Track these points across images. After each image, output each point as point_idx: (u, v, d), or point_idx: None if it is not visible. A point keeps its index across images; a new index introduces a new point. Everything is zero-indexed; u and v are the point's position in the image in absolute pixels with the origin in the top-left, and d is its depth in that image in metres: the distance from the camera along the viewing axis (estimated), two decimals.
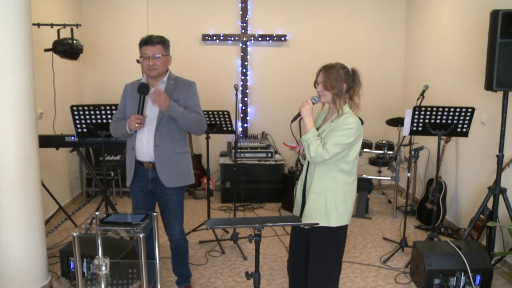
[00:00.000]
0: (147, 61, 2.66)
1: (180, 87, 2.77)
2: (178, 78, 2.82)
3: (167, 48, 2.74)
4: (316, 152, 2.22)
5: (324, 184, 2.32)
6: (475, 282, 3.00)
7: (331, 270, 2.43)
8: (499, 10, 2.93)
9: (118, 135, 2.86)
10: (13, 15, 2.66)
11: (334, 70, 2.29)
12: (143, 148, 2.73)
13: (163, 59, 2.69)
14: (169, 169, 2.74)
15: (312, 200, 2.35)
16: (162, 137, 2.70)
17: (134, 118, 2.63)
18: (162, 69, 2.71)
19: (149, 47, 2.65)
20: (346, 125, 2.24)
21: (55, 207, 4.12)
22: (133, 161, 2.79)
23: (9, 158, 2.73)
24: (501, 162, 3.21)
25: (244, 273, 3.10)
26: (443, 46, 4.65)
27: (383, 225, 4.55)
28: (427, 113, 3.46)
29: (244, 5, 5.54)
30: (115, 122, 2.86)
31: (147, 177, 2.80)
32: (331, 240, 2.38)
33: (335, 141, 2.23)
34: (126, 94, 2.85)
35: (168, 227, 2.89)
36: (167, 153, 2.72)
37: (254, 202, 5.20)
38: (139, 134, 2.74)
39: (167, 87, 2.75)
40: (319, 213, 2.33)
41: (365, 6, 5.68)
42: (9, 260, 2.81)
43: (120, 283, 2.36)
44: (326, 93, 2.31)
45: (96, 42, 5.41)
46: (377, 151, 4.90)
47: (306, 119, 2.32)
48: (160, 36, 2.70)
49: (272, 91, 5.72)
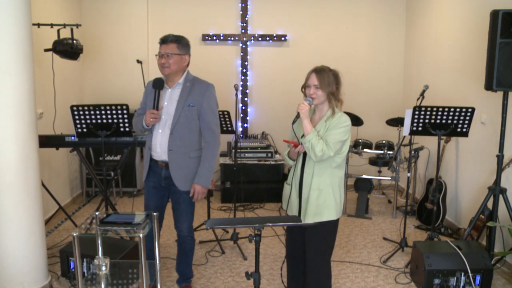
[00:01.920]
0: (160, 59, 2.69)
1: (196, 91, 2.76)
2: (196, 80, 2.82)
3: (182, 48, 2.73)
4: (322, 151, 2.33)
5: (326, 180, 2.44)
6: (475, 282, 3.00)
7: (327, 265, 2.56)
8: (499, 10, 2.93)
9: (138, 129, 2.91)
10: (13, 15, 2.66)
11: (325, 73, 2.41)
12: (156, 149, 2.80)
13: (175, 58, 2.69)
14: (182, 172, 2.77)
15: (315, 196, 2.43)
16: (176, 141, 2.73)
17: (149, 113, 2.69)
18: (175, 68, 2.71)
19: (164, 45, 2.70)
20: (342, 123, 2.39)
21: (55, 207, 4.12)
22: (148, 158, 2.86)
23: (9, 158, 2.73)
24: (501, 162, 3.22)
25: (244, 273, 3.11)
26: (443, 46, 4.65)
27: (383, 225, 4.55)
28: (427, 113, 3.46)
29: (244, 5, 5.54)
30: (136, 117, 2.91)
31: (160, 174, 2.86)
32: (330, 234, 2.51)
33: (336, 138, 2.36)
34: (147, 91, 2.88)
35: (177, 222, 2.94)
36: (181, 158, 2.76)
37: (254, 202, 5.20)
38: (155, 134, 2.80)
39: (182, 89, 2.76)
40: (325, 208, 2.43)
41: (365, 6, 5.68)
42: (9, 260, 2.81)
43: (120, 283, 2.36)
44: (320, 94, 2.41)
45: (96, 42, 5.41)
46: (377, 151, 4.89)
47: (305, 120, 2.41)
48: (177, 36, 2.72)
49: (272, 91, 5.72)
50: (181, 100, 2.73)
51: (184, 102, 2.72)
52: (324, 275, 2.54)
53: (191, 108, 2.73)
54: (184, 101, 2.72)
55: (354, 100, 5.37)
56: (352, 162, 5.30)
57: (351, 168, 5.31)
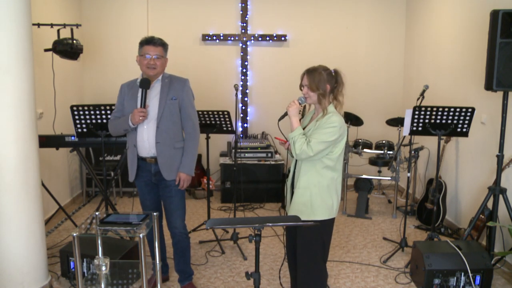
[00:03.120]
0: (148, 60, 2.79)
1: (175, 85, 2.90)
2: (172, 76, 2.96)
3: (166, 51, 2.91)
4: (301, 149, 2.35)
5: (310, 179, 2.44)
6: (475, 282, 3.00)
7: (318, 264, 2.53)
8: (499, 10, 2.93)
9: (118, 132, 2.97)
10: (13, 15, 2.66)
11: (317, 73, 2.42)
12: (144, 145, 2.87)
13: (162, 61, 2.85)
14: (169, 163, 2.88)
15: (298, 194, 2.46)
16: (162, 134, 2.84)
17: (138, 112, 2.76)
18: (161, 69, 2.87)
19: (152, 47, 2.80)
20: (330, 124, 2.37)
21: (55, 207, 4.12)
22: (135, 157, 2.92)
23: (9, 158, 2.73)
24: (501, 162, 3.21)
25: (244, 273, 3.11)
26: (443, 46, 4.65)
27: (383, 225, 4.55)
28: (427, 113, 3.46)
29: (244, 5, 5.54)
30: (114, 120, 2.96)
31: (150, 171, 2.92)
32: (318, 234, 2.48)
33: (319, 138, 2.35)
34: (123, 94, 2.96)
35: (170, 219, 2.97)
36: (167, 149, 2.87)
37: (254, 202, 5.20)
38: (140, 131, 2.87)
39: (162, 85, 2.89)
40: (304, 206, 2.44)
41: (365, 6, 5.68)
42: (9, 260, 2.81)
43: (120, 283, 2.36)
44: (311, 94, 2.44)
45: (96, 42, 5.41)
46: (377, 151, 4.89)
47: (292, 118, 2.47)
48: (162, 39, 2.87)
49: (272, 91, 5.72)
50: (163, 94, 2.86)
51: (166, 96, 2.85)
52: (313, 275, 2.52)
53: (173, 102, 2.86)
54: (166, 95, 2.85)
55: (354, 100, 5.37)
56: (352, 162, 5.31)
57: (351, 168, 5.31)
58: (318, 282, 2.53)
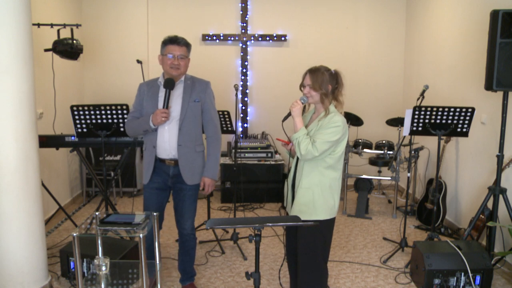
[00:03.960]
0: (172, 60, 2.72)
1: (198, 87, 2.86)
2: (194, 78, 2.91)
3: (189, 51, 2.84)
4: (306, 150, 2.35)
5: (312, 179, 2.44)
6: (475, 282, 3.00)
7: (319, 263, 2.52)
8: (499, 10, 2.93)
9: (137, 133, 2.92)
10: (13, 15, 2.66)
11: (319, 73, 2.42)
12: (165, 147, 2.80)
13: (186, 61, 2.80)
14: (190, 167, 2.83)
15: (300, 194, 2.46)
16: (184, 136, 2.79)
17: (160, 112, 2.69)
18: (184, 70, 2.81)
19: (176, 46, 2.74)
20: (333, 123, 2.37)
21: (55, 207, 4.12)
22: (153, 158, 2.84)
23: (9, 158, 2.73)
24: (501, 162, 3.22)
25: (244, 273, 3.11)
26: (443, 46, 4.65)
27: (383, 225, 4.55)
28: (427, 113, 3.46)
29: (244, 5, 5.54)
30: (133, 120, 2.89)
31: (167, 173, 2.86)
32: (319, 234, 2.47)
33: (323, 138, 2.35)
34: (142, 93, 2.89)
35: (181, 220, 2.94)
36: (189, 152, 2.82)
37: (254, 202, 5.20)
38: (160, 132, 2.80)
39: (185, 86, 2.84)
40: (307, 207, 2.44)
41: (365, 6, 5.68)
42: (9, 260, 2.81)
43: (120, 283, 2.36)
44: (313, 94, 2.44)
45: (96, 42, 5.41)
46: (377, 151, 4.89)
47: (296, 118, 2.46)
48: (185, 39, 2.81)
49: (272, 91, 5.72)
50: (185, 96, 2.80)
51: (189, 98, 2.80)
52: (314, 275, 2.51)
53: (196, 104, 2.81)
54: (189, 97, 2.80)
55: (354, 100, 5.37)
56: (352, 162, 5.31)
57: (351, 168, 5.32)
58: (319, 282, 2.53)
